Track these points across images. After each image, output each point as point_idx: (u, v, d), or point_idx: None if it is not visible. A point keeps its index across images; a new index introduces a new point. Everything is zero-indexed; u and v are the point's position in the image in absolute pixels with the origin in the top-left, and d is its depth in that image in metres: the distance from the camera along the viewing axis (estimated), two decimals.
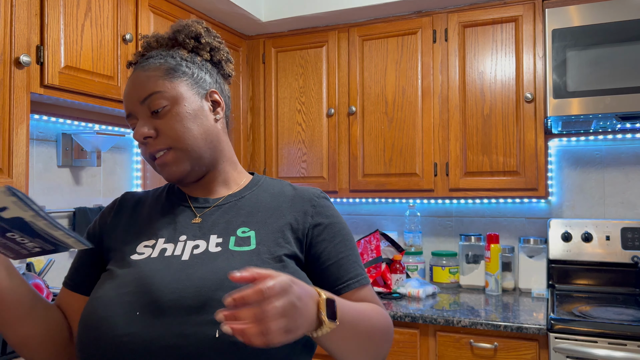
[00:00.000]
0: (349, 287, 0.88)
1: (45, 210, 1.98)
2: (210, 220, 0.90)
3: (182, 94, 0.90)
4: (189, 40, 0.95)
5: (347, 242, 0.92)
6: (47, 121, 1.99)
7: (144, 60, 0.93)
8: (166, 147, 0.88)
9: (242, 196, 0.94)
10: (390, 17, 2.43)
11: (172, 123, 0.88)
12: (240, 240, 0.86)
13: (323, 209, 0.93)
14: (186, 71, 0.92)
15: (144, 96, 0.88)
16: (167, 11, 2.07)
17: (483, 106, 2.26)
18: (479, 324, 1.89)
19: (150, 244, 0.88)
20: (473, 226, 2.60)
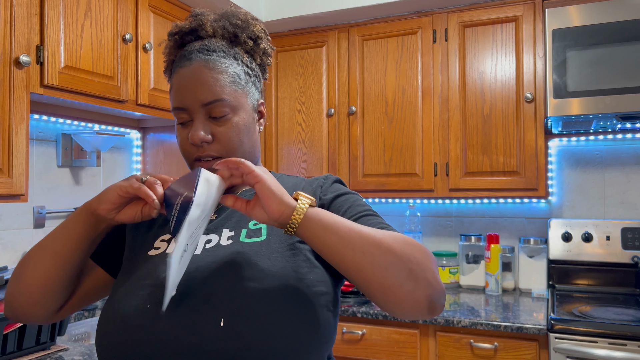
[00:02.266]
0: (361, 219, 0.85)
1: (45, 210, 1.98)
2: (224, 215, 0.91)
3: (242, 105, 0.89)
4: (249, 41, 0.93)
5: (358, 207, 0.87)
6: (47, 121, 1.99)
7: (205, 51, 0.88)
8: (218, 154, 0.87)
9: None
10: (390, 17, 2.43)
11: (229, 133, 0.87)
12: (252, 232, 0.86)
13: (331, 186, 0.92)
14: (247, 81, 0.91)
15: (209, 100, 0.86)
16: (167, 11, 2.07)
17: (483, 106, 2.26)
18: (479, 324, 1.89)
19: (166, 239, 0.89)
20: (473, 226, 2.59)
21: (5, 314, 0.89)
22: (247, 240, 0.85)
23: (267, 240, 0.84)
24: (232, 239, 0.85)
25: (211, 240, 0.86)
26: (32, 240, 1.92)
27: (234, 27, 0.92)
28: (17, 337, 1.48)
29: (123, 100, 1.84)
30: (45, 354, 1.54)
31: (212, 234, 0.87)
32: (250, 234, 0.86)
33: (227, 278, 0.78)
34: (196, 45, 0.89)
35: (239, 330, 0.73)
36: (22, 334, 1.49)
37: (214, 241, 0.86)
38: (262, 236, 0.85)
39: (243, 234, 0.86)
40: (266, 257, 0.81)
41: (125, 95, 1.84)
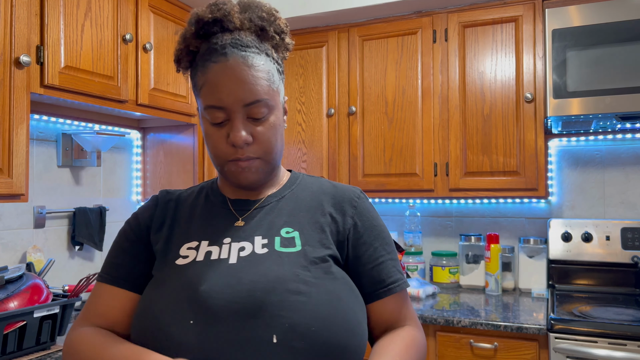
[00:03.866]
0: (391, 291, 0.89)
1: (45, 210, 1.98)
2: (253, 222, 0.88)
3: (277, 104, 0.88)
4: (275, 36, 0.89)
5: (386, 246, 0.91)
6: (47, 121, 1.99)
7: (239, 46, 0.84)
8: (256, 156, 0.85)
9: (282, 196, 0.92)
10: (390, 17, 2.43)
11: (268, 133, 0.85)
12: (286, 241, 0.84)
13: (364, 210, 0.92)
14: (278, 78, 0.89)
15: (250, 101, 0.83)
16: (167, 11, 2.07)
17: (483, 106, 2.26)
18: (479, 324, 1.89)
19: (193, 246, 0.86)
20: (473, 226, 2.60)
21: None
22: (283, 250, 0.83)
23: (304, 251, 0.83)
24: (267, 248, 0.83)
25: (244, 248, 0.83)
26: (32, 240, 1.93)
27: (261, 20, 0.88)
28: (17, 337, 1.48)
29: (123, 100, 1.84)
30: (45, 354, 1.54)
31: (243, 241, 0.85)
32: (285, 242, 0.84)
33: (273, 291, 0.76)
34: (227, 39, 0.84)
35: (294, 347, 0.72)
36: (22, 334, 1.49)
37: (247, 249, 0.83)
38: (297, 246, 0.84)
39: (277, 242, 0.84)
40: (306, 269, 0.80)
41: (125, 95, 1.84)
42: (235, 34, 0.85)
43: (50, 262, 1.85)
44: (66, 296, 1.66)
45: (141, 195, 2.43)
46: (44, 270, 1.83)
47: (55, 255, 2.02)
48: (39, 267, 1.87)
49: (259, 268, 0.79)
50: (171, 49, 2.09)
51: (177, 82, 2.12)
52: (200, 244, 0.86)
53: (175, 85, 2.11)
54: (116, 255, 0.91)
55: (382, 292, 0.88)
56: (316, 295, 0.77)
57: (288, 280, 0.77)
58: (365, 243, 0.89)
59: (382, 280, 0.88)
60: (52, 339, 1.59)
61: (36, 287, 1.57)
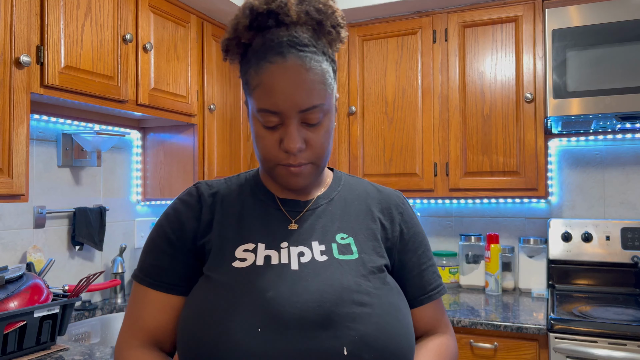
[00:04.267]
0: (431, 298, 0.91)
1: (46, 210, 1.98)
2: (307, 226, 0.86)
3: (331, 106, 0.84)
4: (332, 30, 0.83)
5: (428, 252, 0.94)
6: (47, 121, 1.99)
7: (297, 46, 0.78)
8: (309, 161, 0.82)
9: (331, 198, 0.91)
10: (390, 17, 2.43)
11: (321, 139, 0.82)
12: (342, 248, 0.84)
13: (409, 217, 0.94)
14: (333, 78, 0.84)
15: (307, 107, 0.78)
16: (167, 11, 2.07)
17: (483, 106, 2.26)
18: (479, 324, 1.89)
19: (250, 249, 0.83)
20: (473, 226, 2.60)
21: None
22: (342, 258, 0.82)
23: (361, 259, 0.83)
24: (325, 255, 0.82)
25: (304, 253, 0.82)
26: (32, 240, 1.93)
27: (319, 13, 0.81)
28: (17, 337, 1.48)
29: (123, 100, 1.84)
30: (45, 353, 1.54)
31: (301, 247, 0.83)
32: (342, 250, 0.84)
33: (340, 302, 0.76)
34: (284, 36, 0.78)
35: (364, 359, 0.73)
36: (22, 334, 1.49)
37: (307, 255, 0.82)
38: (354, 254, 0.84)
39: (335, 249, 0.83)
40: (366, 279, 0.81)
41: (125, 95, 1.84)
42: (291, 30, 0.79)
43: (50, 262, 1.85)
44: (66, 296, 1.66)
45: (141, 195, 2.43)
46: (44, 270, 1.83)
47: (55, 255, 2.02)
48: (39, 267, 1.87)
49: (322, 276, 0.79)
50: (171, 49, 2.10)
51: (177, 82, 2.12)
52: (257, 247, 0.83)
53: (175, 85, 2.11)
54: (158, 257, 0.87)
55: (424, 298, 0.91)
56: (379, 307, 0.78)
57: (353, 290, 0.78)
58: (410, 250, 0.91)
59: (423, 286, 0.91)
60: (52, 339, 1.59)
61: (36, 287, 1.57)
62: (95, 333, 2.04)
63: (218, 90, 2.41)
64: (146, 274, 0.86)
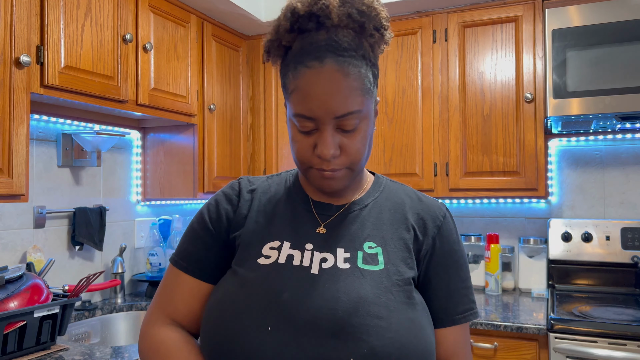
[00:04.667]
0: (455, 322, 0.86)
1: (45, 210, 1.98)
2: (336, 231, 0.85)
3: (369, 112, 0.82)
4: (375, 33, 0.81)
5: (462, 272, 0.88)
6: (47, 121, 1.99)
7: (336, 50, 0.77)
8: (343, 167, 0.81)
9: (365, 204, 0.89)
10: (390, 17, 2.43)
11: (357, 145, 0.81)
12: (368, 257, 0.82)
13: (446, 232, 0.88)
14: (373, 83, 0.82)
15: (343, 113, 0.77)
16: (167, 11, 2.07)
17: (483, 106, 2.26)
18: (479, 324, 1.89)
19: (275, 246, 0.84)
20: (473, 226, 2.60)
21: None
22: (366, 268, 0.80)
23: (386, 271, 0.80)
24: (349, 262, 0.81)
25: (326, 259, 0.81)
26: (32, 240, 1.93)
27: (361, 16, 0.78)
28: (17, 337, 1.48)
29: (123, 100, 1.84)
30: (45, 353, 1.54)
31: (325, 252, 0.82)
32: (368, 259, 0.81)
33: (355, 312, 0.74)
34: (322, 40, 0.77)
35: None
36: (22, 334, 1.49)
37: (329, 261, 0.81)
38: (380, 264, 0.81)
39: (360, 258, 0.82)
40: (388, 292, 0.78)
41: (125, 95, 1.84)
42: (331, 33, 0.78)
43: (50, 262, 1.85)
44: (66, 296, 1.66)
45: (141, 195, 2.43)
46: (44, 270, 1.83)
47: (55, 255, 2.02)
48: (39, 267, 1.87)
49: (341, 284, 0.77)
50: (171, 49, 2.10)
51: (177, 82, 2.12)
52: (283, 245, 0.84)
53: (175, 85, 2.11)
54: (195, 243, 0.90)
55: (446, 320, 0.86)
56: (397, 322, 0.75)
57: (370, 302, 0.75)
58: (440, 267, 0.86)
59: (448, 308, 0.86)
60: (52, 339, 1.59)
61: (36, 287, 1.57)
62: (95, 333, 2.04)
63: (218, 90, 2.41)
64: (181, 257, 0.90)
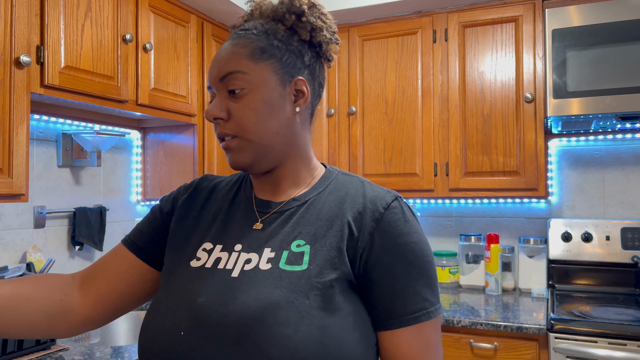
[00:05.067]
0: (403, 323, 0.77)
1: (46, 210, 1.98)
2: (269, 230, 0.82)
3: (264, 79, 0.81)
4: (289, 16, 0.85)
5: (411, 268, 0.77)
6: (47, 121, 1.99)
7: (238, 31, 0.86)
8: (233, 133, 0.82)
9: (305, 200, 0.85)
10: (390, 17, 2.43)
11: (246, 110, 0.81)
12: (293, 257, 0.77)
13: (388, 226, 0.79)
14: (275, 53, 0.83)
15: (223, 74, 0.82)
16: (167, 11, 2.07)
17: (483, 106, 2.26)
18: (479, 324, 1.89)
19: (208, 248, 0.84)
20: (473, 226, 2.60)
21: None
22: (287, 268, 0.76)
23: (307, 272, 0.75)
24: (271, 263, 0.77)
25: (250, 260, 0.79)
26: (32, 240, 1.93)
27: (278, 5, 0.87)
28: None
29: (123, 100, 1.84)
30: (45, 353, 1.54)
31: (252, 253, 0.80)
32: (292, 259, 0.77)
33: (261, 320, 0.71)
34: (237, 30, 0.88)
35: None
36: None
37: (252, 262, 0.79)
38: (304, 264, 0.76)
39: (284, 257, 0.78)
40: (304, 296, 0.73)
41: (125, 95, 1.84)
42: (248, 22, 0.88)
43: (50, 262, 1.85)
44: None
45: (141, 195, 2.43)
46: (44, 270, 1.83)
47: (55, 255, 2.02)
48: (39, 267, 1.87)
49: (255, 288, 0.75)
50: (171, 49, 2.10)
51: (177, 82, 2.12)
52: (215, 248, 0.83)
53: (175, 85, 2.11)
54: (143, 222, 0.96)
55: (391, 323, 0.77)
56: (305, 331, 0.70)
57: (280, 307, 0.72)
58: (382, 265, 0.77)
59: (395, 309, 0.76)
60: (52, 339, 1.59)
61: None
62: (95, 333, 2.04)
63: None
64: (129, 234, 0.96)
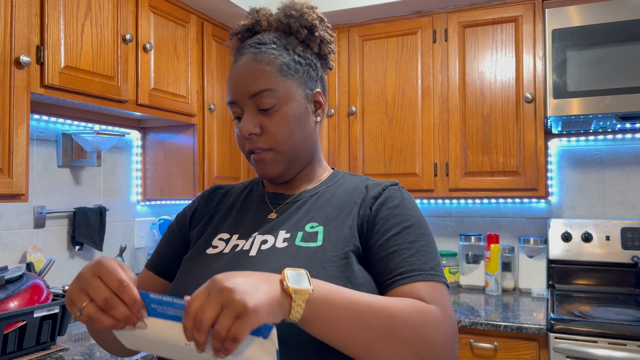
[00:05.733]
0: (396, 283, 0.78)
1: (45, 210, 1.98)
2: (283, 216, 0.89)
3: (292, 95, 0.87)
4: (302, 30, 0.91)
5: (407, 235, 0.82)
6: (47, 121, 1.99)
7: (256, 45, 0.88)
8: (267, 147, 0.86)
9: (316, 192, 0.92)
10: (390, 17, 2.43)
11: (278, 124, 0.86)
12: (308, 236, 0.83)
13: (386, 200, 0.86)
14: (298, 69, 0.89)
15: (255, 92, 0.85)
16: (167, 11, 2.07)
17: (483, 106, 2.26)
18: (479, 324, 1.89)
19: (225, 238, 0.89)
20: (473, 226, 2.60)
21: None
22: (302, 245, 0.82)
23: (323, 247, 0.81)
24: (287, 242, 0.83)
25: (267, 241, 0.85)
26: (32, 240, 1.93)
27: (288, 18, 0.91)
28: (17, 337, 1.48)
29: (123, 100, 1.84)
30: (45, 353, 1.54)
31: (268, 235, 0.86)
32: (306, 237, 0.83)
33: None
34: (250, 41, 0.90)
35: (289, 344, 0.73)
36: (22, 334, 1.49)
37: (269, 242, 0.84)
38: (318, 241, 0.82)
39: (299, 236, 0.84)
40: (320, 266, 0.78)
41: (125, 95, 1.84)
42: (259, 35, 0.90)
43: (50, 262, 1.85)
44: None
45: (141, 195, 2.43)
46: (44, 270, 1.83)
47: (55, 255, 2.02)
48: (39, 267, 1.87)
49: (273, 263, 0.80)
50: (171, 49, 2.10)
51: (177, 82, 2.12)
52: (232, 237, 0.88)
53: (175, 85, 2.11)
54: (160, 244, 0.99)
55: (388, 282, 0.79)
56: None
57: None
58: (378, 232, 0.82)
59: (389, 270, 0.79)
60: (52, 339, 1.59)
61: (36, 287, 1.57)
62: None
63: (218, 90, 2.41)
64: (151, 257, 0.98)
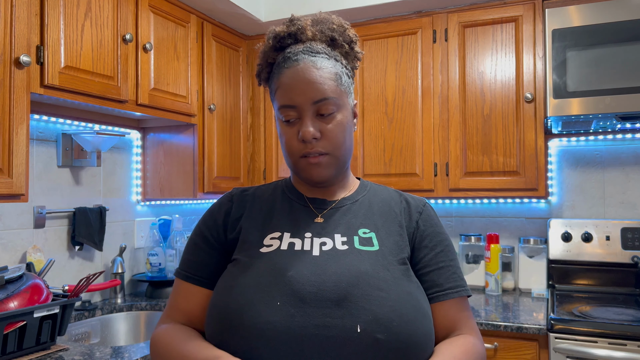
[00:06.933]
0: (448, 295, 0.91)
1: (45, 210, 1.98)
2: (331, 220, 0.94)
3: (345, 103, 0.94)
4: (345, 45, 0.98)
5: (449, 253, 0.96)
6: (47, 121, 1.99)
7: (310, 52, 0.93)
8: (325, 151, 0.91)
9: (356, 199, 0.99)
10: (390, 17, 2.43)
11: (336, 130, 0.91)
12: (364, 241, 0.90)
13: (428, 217, 0.98)
14: (347, 80, 0.95)
15: (319, 98, 0.90)
16: (167, 11, 2.07)
17: (483, 106, 2.26)
18: (479, 324, 1.89)
19: (276, 236, 0.91)
20: (473, 226, 2.60)
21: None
22: (362, 248, 0.88)
23: (381, 251, 0.89)
24: (347, 245, 0.89)
25: (325, 243, 0.89)
26: (32, 240, 1.93)
27: (331, 32, 0.97)
28: (17, 337, 1.48)
29: (123, 100, 1.84)
30: (45, 354, 1.54)
31: (324, 237, 0.90)
32: (363, 242, 0.90)
33: (357, 284, 0.81)
34: (299, 48, 0.94)
35: (377, 338, 0.77)
36: (22, 334, 1.49)
37: (328, 244, 0.89)
38: (375, 246, 0.89)
39: (356, 241, 0.90)
40: (385, 268, 0.86)
41: (125, 95, 1.84)
42: (307, 44, 0.95)
43: (50, 262, 1.85)
44: (66, 296, 1.66)
45: (141, 195, 2.43)
46: (44, 270, 1.83)
47: (55, 255, 2.02)
48: (39, 267, 1.87)
49: (341, 262, 0.85)
50: (171, 49, 2.10)
51: (177, 82, 2.12)
52: (283, 235, 0.91)
53: (175, 85, 2.11)
54: (192, 252, 0.98)
55: (440, 295, 0.91)
56: (396, 293, 0.82)
57: (370, 276, 0.83)
58: (427, 247, 0.94)
59: (440, 284, 0.92)
60: (52, 339, 1.59)
61: (36, 287, 1.57)
62: (95, 333, 2.04)
63: (218, 90, 2.41)
64: (183, 268, 0.98)
